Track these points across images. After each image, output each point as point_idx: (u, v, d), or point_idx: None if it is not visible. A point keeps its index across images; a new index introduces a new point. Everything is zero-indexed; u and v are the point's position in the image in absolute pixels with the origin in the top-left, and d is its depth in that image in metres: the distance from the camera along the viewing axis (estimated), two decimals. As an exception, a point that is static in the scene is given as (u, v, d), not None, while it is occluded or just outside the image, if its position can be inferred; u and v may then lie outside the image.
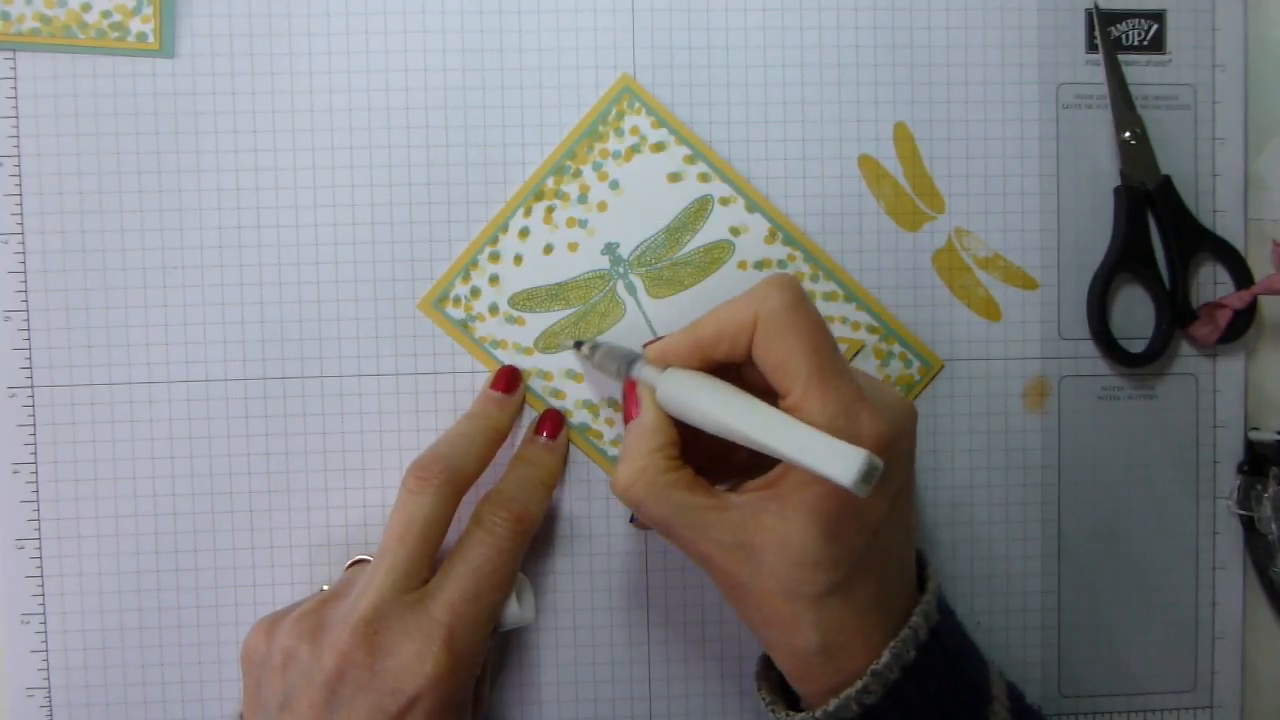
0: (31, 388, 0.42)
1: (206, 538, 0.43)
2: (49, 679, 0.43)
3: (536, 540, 0.43)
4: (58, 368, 0.42)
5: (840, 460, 0.28)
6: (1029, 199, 0.45)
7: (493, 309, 0.43)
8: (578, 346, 0.43)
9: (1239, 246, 0.45)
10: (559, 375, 0.44)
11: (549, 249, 0.43)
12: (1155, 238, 0.45)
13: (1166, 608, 0.46)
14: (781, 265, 0.44)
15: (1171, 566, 0.46)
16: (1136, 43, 0.45)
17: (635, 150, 0.43)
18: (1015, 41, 0.44)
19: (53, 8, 0.42)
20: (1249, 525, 0.45)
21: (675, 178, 0.43)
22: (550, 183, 0.43)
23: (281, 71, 0.43)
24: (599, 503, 0.44)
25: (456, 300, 0.43)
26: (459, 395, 0.43)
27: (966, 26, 0.44)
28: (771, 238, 0.44)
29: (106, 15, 0.42)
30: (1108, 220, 0.45)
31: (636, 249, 0.43)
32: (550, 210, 0.43)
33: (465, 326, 0.43)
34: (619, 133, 0.43)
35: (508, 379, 0.43)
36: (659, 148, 0.43)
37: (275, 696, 0.36)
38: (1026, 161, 0.45)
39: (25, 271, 0.42)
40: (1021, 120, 0.44)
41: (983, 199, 0.45)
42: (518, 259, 0.43)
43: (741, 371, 0.36)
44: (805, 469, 0.29)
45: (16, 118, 0.42)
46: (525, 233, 0.43)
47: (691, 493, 0.34)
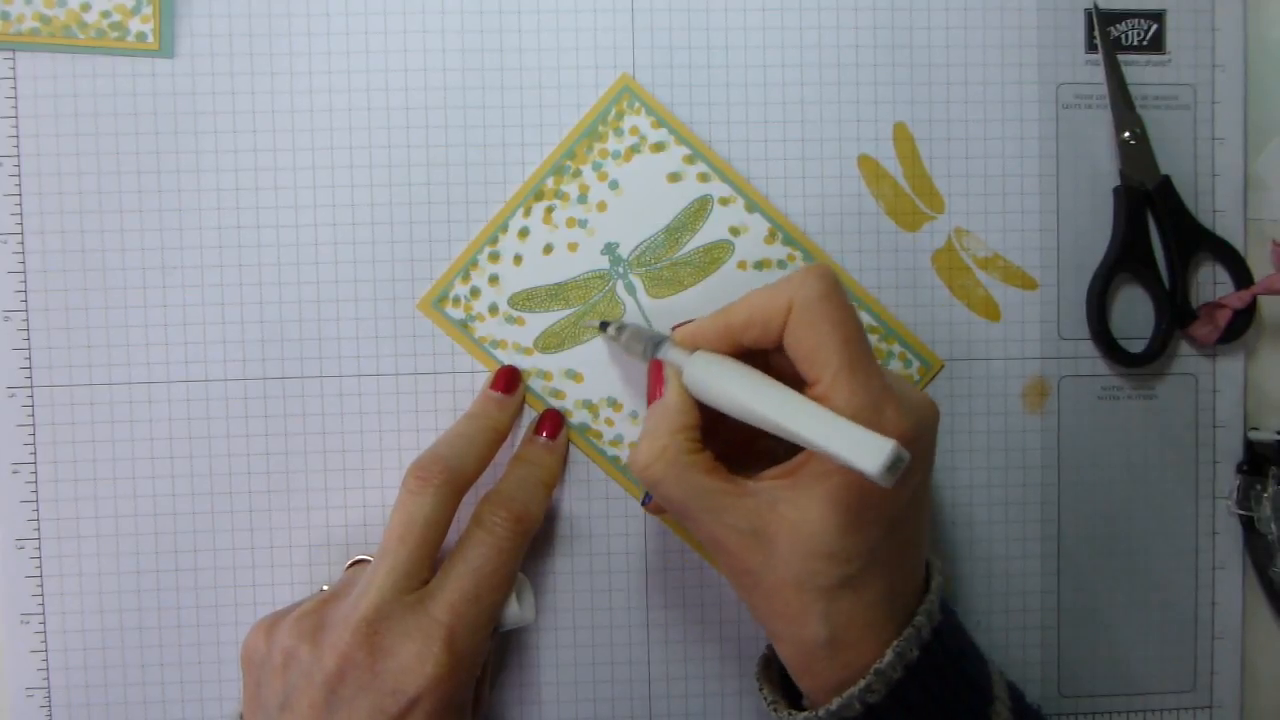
0: (31, 388, 0.42)
1: (206, 538, 0.43)
2: (49, 679, 0.43)
3: (536, 540, 0.43)
4: (58, 368, 0.42)
5: (867, 449, 0.28)
6: (1029, 199, 0.45)
7: (492, 309, 0.43)
8: (603, 327, 0.42)
9: (1239, 246, 0.45)
10: (559, 375, 0.44)
11: (549, 249, 0.43)
12: (1155, 238, 0.45)
13: (1166, 608, 0.46)
14: (781, 265, 0.44)
15: (1171, 566, 0.46)
16: (1136, 43, 0.45)
17: (635, 150, 0.43)
18: (1015, 41, 0.44)
19: (53, 8, 0.42)
20: (1249, 525, 0.45)
21: (675, 178, 0.43)
22: (550, 183, 0.43)
23: (281, 71, 0.43)
24: (599, 503, 0.44)
25: (456, 300, 0.43)
26: (459, 395, 0.43)
27: (966, 26, 0.44)
28: (771, 238, 0.44)
29: (106, 15, 0.42)
30: (1107, 220, 0.45)
31: (636, 249, 0.43)
32: (550, 210, 0.43)
33: (465, 326, 0.43)
34: (619, 133, 0.43)
35: (507, 379, 0.43)
36: (659, 148, 0.43)
37: (275, 696, 0.36)
38: (1026, 161, 0.45)
39: (25, 271, 0.42)
40: (1021, 120, 0.44)
41: (983, 199, 0.45)
42: (517, 259, 0.43)
43: (769, 359, 0.36)
44: (831, 457, 0.29)
45: (16, 118, 0.42)
46: (525, 233, 0.43)
47: (710, 476, 0.34)
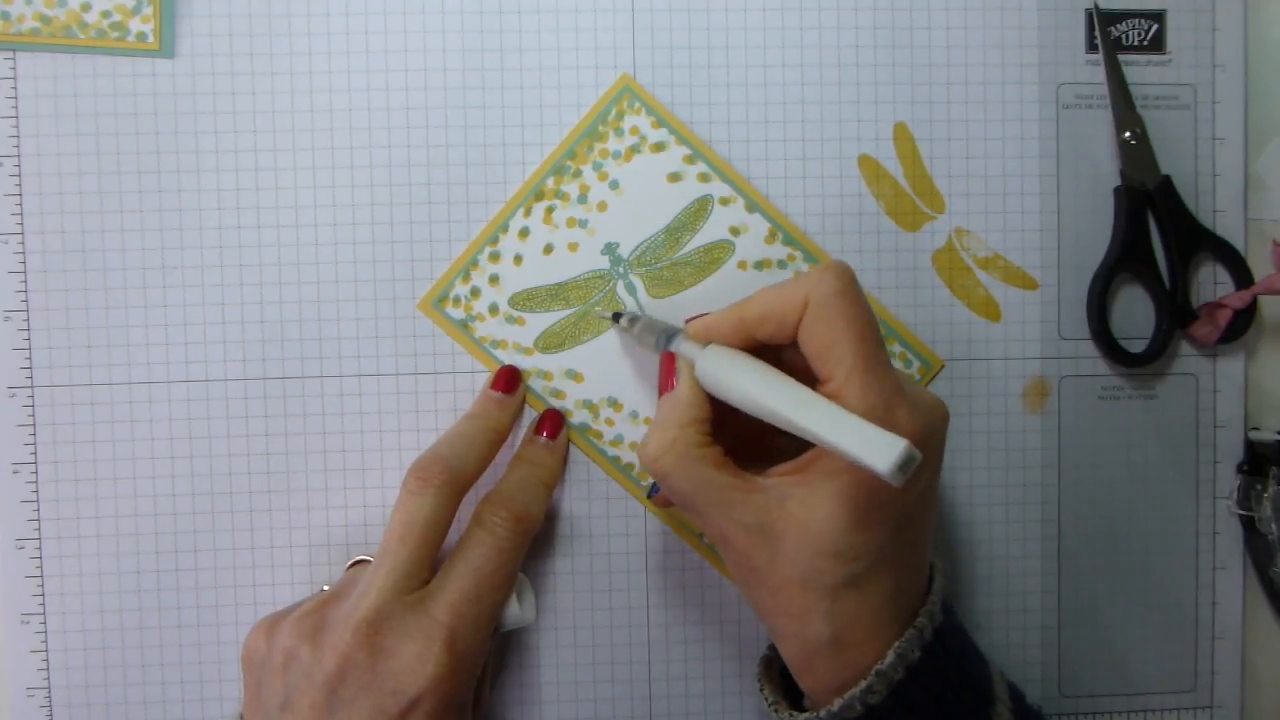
0: (31, 388, 0.42)
1: (206, 538, 0.43)
2: (49, 679, 0.43)
3: (536, 540, 0.43)
4: (58, 368, 0.42)
5: (879, 448, 0.28)
6: (1029, 199, 0.45)
7: (493, 309, 0.43)
8: (616, 319, 0.42)
9: (1239, 246, 0.45)
10: (559, 375, 0.43)
11: (549, 249, 0.43)
12: (1155, 238, 0.45)
13: (1166, 608, 0.46)
14: (781, 265, 0.44)
15: (1171, 566, 0.46)
16: (1136, 43, 0.45)
17: (635, 150, 0.43)
18: (1015, 41, 0.44)
19: (53, 8, 0.42)
20: (1249, 525, 0.45)
21: (675, 178, 0.43)
22: (550, 183, 0.43)
23: (281, 71, 0.42)
24: (599, 503, 0.44)
25: (456, 300, 0.43)
26: (459, 395, 0.43)
27: (966, 26, 0.44)
28: (771, 238, 0.44)
29: (106, 15, 0.42)
30: (1108, 220, 0.45)
31: (636, 249, 0.43)
32: (550, 210, 0.43)
33: (465, 326, 0.43)
34: (619, 133, 0.43)
35: (508, 379, 0.43)
36: (659, 148, 0.43)
37: (276, 697, 0.36)
38: (1026, 161, 0.45)
39: (25, 271, 0.42)
40: (1021, 120, 0.44)
41: (983, 199, 0.45)
42: (518, 259, 0.43)
43: (781, 355, 0.36)
44: (842, 454, 0.29)
45: (16, 118, 0.42)
46: (525, 233, 0.43)
47: (719, 470, 0.34)
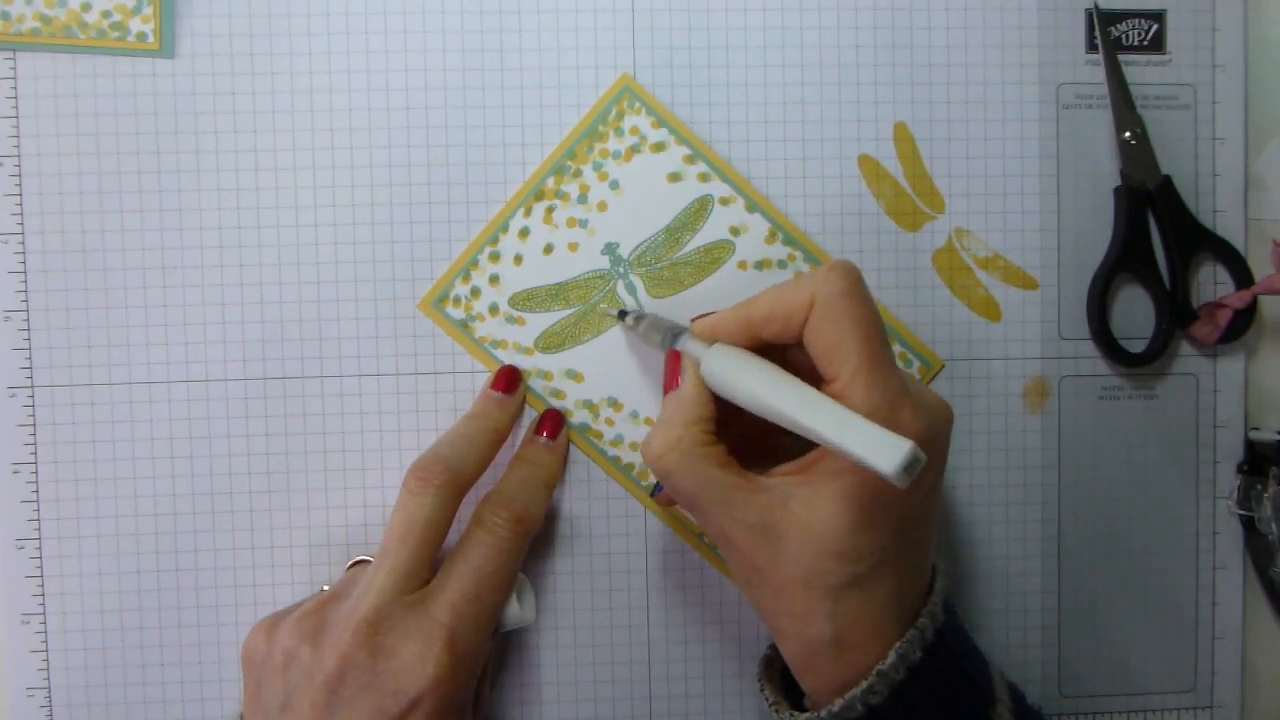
0: (31, 388, 0.42)
1: (206, 538, 0.43)
2: (49, 679, 0.43)
3: (536, 540, 0.43)
4: (58, 368, 0.42)
5: (884, 449, 0.28)
6: (1029, 199, 0.45)
7: (493, 309, 0.43)
8: (622, 316, 0.42)
9: (1239, 246, 0.45)
10: (559, 375, 0.43)
11: (549, 249, 0.43)
12: (1155, 238, 0.45)
13: (1166, 608, 0.46)
14: (781, 265, 0.44)
15: (1171, 566, 0.46)
16: (1136, 43, 0.45)
17: (635, 150, 0.43)
18: (1015, 41, 0.44)
19: (53, 8, 0.42)
20: (1249, 525, 0.45)
21: (675, 178, 0.43)
22: (550, 183, 0.43)
23: (281, 71, 0.42)
24: (599, 503, 0.44)
25: (456, 300, 0.43)
26: (459, 395, 0.43)
27: (966, 26, 0.44)
28: (771, 238, 0.44)
29: (106, 15, 0.42)
30: (1108, 220, 0.45)
31: (636, 249, 0.43)
32: (550, 210, 0.43)
33: (465, 326, 0.43)
34: (619, 133, 0.43)
35: (508, 379, 0.43)
36: (659, 148, 0.43)
37: (276, 697, 0.36)
38: (1026, 161, 0.45)
39: (25, 271, 0.42)
40: (1021, 120, 0.44)
41: (983, 199, 0.45)
42: (518, 259, 0.43)
43: (786, 355, 0.36)
44: (846, 454, 0.29)
45: (16, 118, 0.42)
46: (525, 233, 0.43)
47: (722, 470, 0.34)
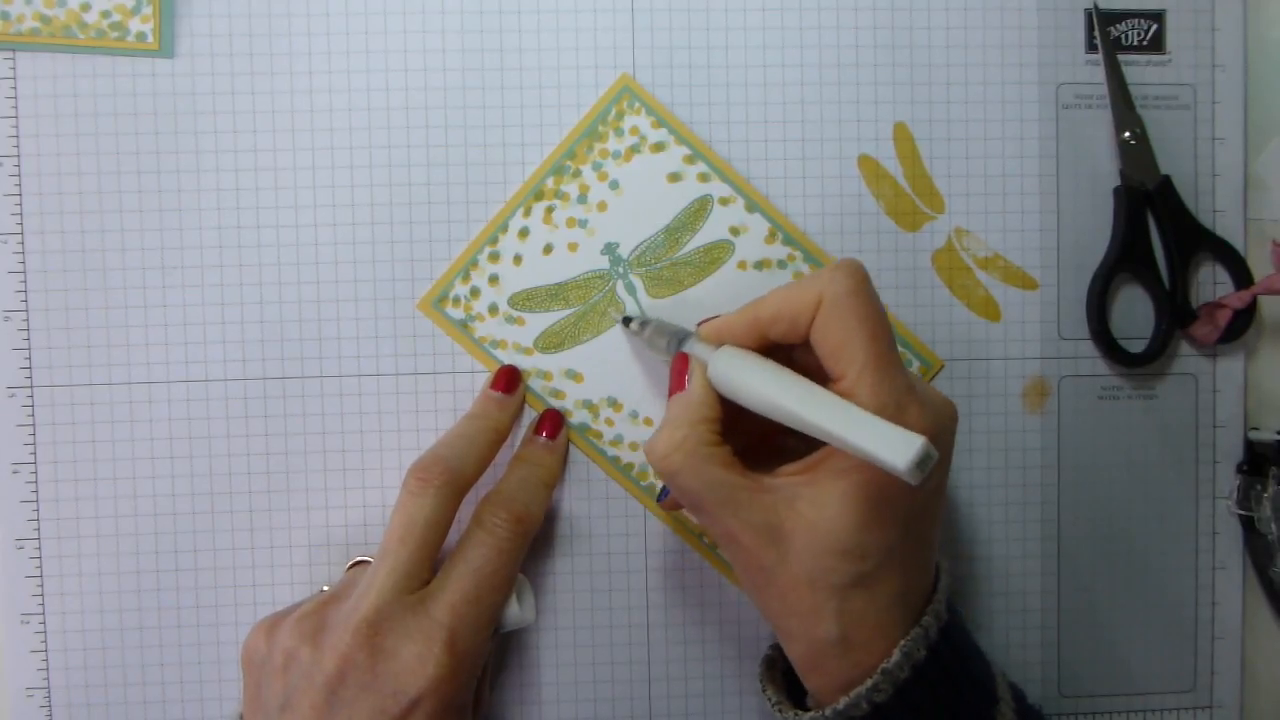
0: (31, 388, 0.42)
1: (206, 538, 0.43)
2: (49, 679, 0.43)
3: (536, 540, 0.43)
4: (58, 368, 0.42)
5: (897, 446, 0.28)
6: (1029, 199, 0.45)
7: (492, 309, 0.43)
8: (626, 322, 0.42)
9: (1239, 246, 0.45)
10: (559, 375, 0.43)
11: (549, 249, 0.43)
12: (1155, 238, 0.45)
13: (1166, 608, 0.46)
14: (781, 265, 0.44)
15: (1171, 566, 0.46)
16: (1136, 43, 0.45)
17: (635, 150, 0.43)
18: (1015, 41, 0.44)
19: (52, 8, 0.42)
20: (1249, 525, 0.45)
21: (675, 178, 0.43)
22: (550, 183, 0.43)
23: (281, 71, 0.42)
24: (599, 503, 0.44)
25: (456, 300, 0.43)
26: (459, 395, 0.43)
27: (966, 26, 0.44)
28: (771, 238, 0.44)
29: (106, 15, 0.42)
30: (1108, 220, 0.45)
31: (636, 249, 0.43)
32: (550, 210, 0.43)
33: (465, 326, 0.43)
34: (619, 133, 0.43)
35: (507, 379, 0.43)
36: (659, 148, 0.43)
37: (276, 697, 0.36)
38: (1026, 161, 0.45)
39: (25, 271, 0.42)
40: (1021, 120, 0.44)
41: (983, 199, 0.45)
42: (517, 259, 0.43)
43: (792, 356, 0.36)
44: (859, 453, 0.29)
45: (16, 118, 0.42)
46: (525, 233, 0.43)
47: (727, 470, 0.34)
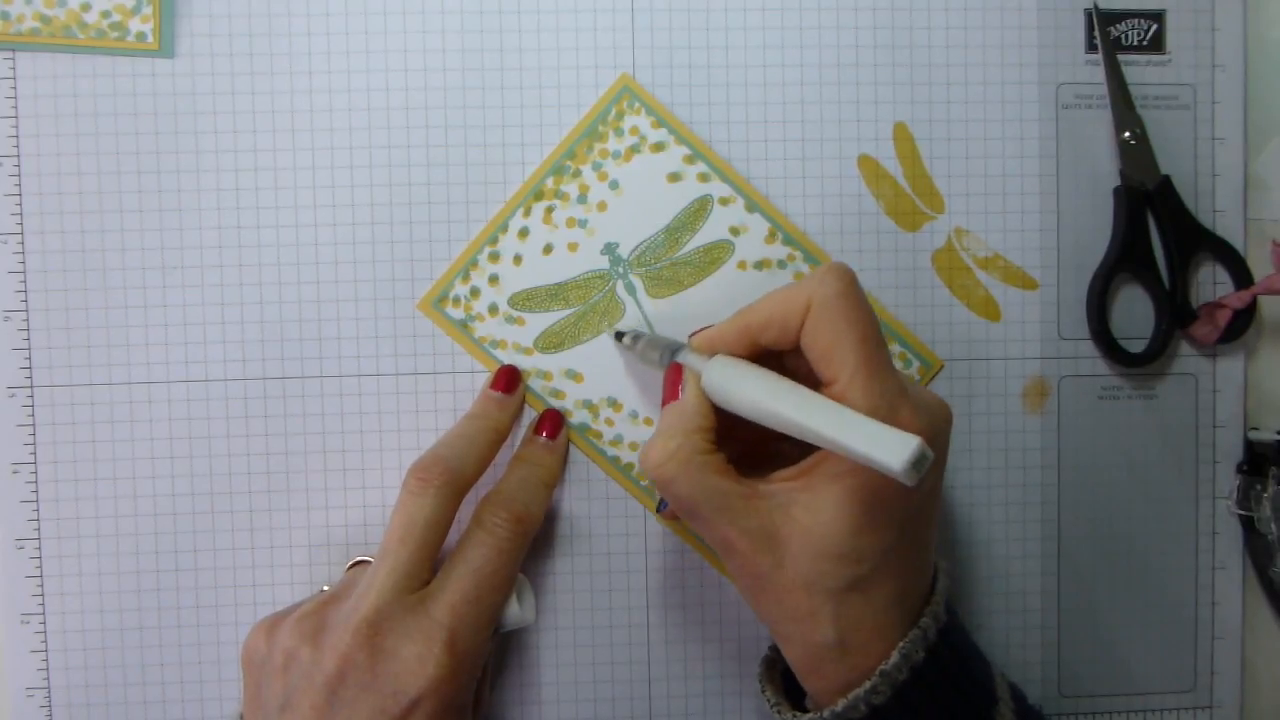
0: (31, 388, 0.42)
1: (206, 538, 0.43)
2: (49, 679, 0.43)
3: (536, 540, 0.43)
4: (58, 368, 0.42)
5: (891, 447, 0.28)
6: (1029, 199, 0.45)
7: (492, 309, 0.43)
8: (619, 337, 0.42)
9: (1239, 246, 0.45)
10: (559, 375, 0.43)
11: (549, 249, 0.43)
12: (1155, 238, 0.45)
13: (1166, 608, 0.46)
14: (781, 265, 0.44)
15: (1171, 566, 0.46)
16: (1136, 43, 0.45)
17: (635, 150, 0.43)
18: (1015, 41, 0.44)
19: (52, 8, 0.42)
20: (1249, 525, 0.45)
21: (675, 178, 0.43)
22: (550, 183, 0.43)
23: (281, 71, 0.42)
24: (599, 503, 0.44)
25: (456, 300, 0.43)
26: (459, 395, 0.43)
27: (966, 26, 0.44)
28: (771, 238, 0.44)
29: (106, 15, 0.42)
30: (1108, 220, 0.45)
31: (636, 249, 0.43)
32: (550, 210, 0.43)
33: (465, 326, 0.43)
34: (619, 133, 0.43)
35: (507, 379, 0.43)
36: (659, 148, 0.43)
37: (276, 697, 0.36)
38: (1026, 161, 0.45)
39: (25, 271, 0.42)
40: (1021, 120, 0.44)
41: (983, 199, 0.44)
42: (517, 259, 0.43)
43: (784, 364, 0.36)
44: (854, 456, 0.29)
45: (16, 118, 0.42)
46: (525, 233, 0.43)
47: (722, 478, 0.34)
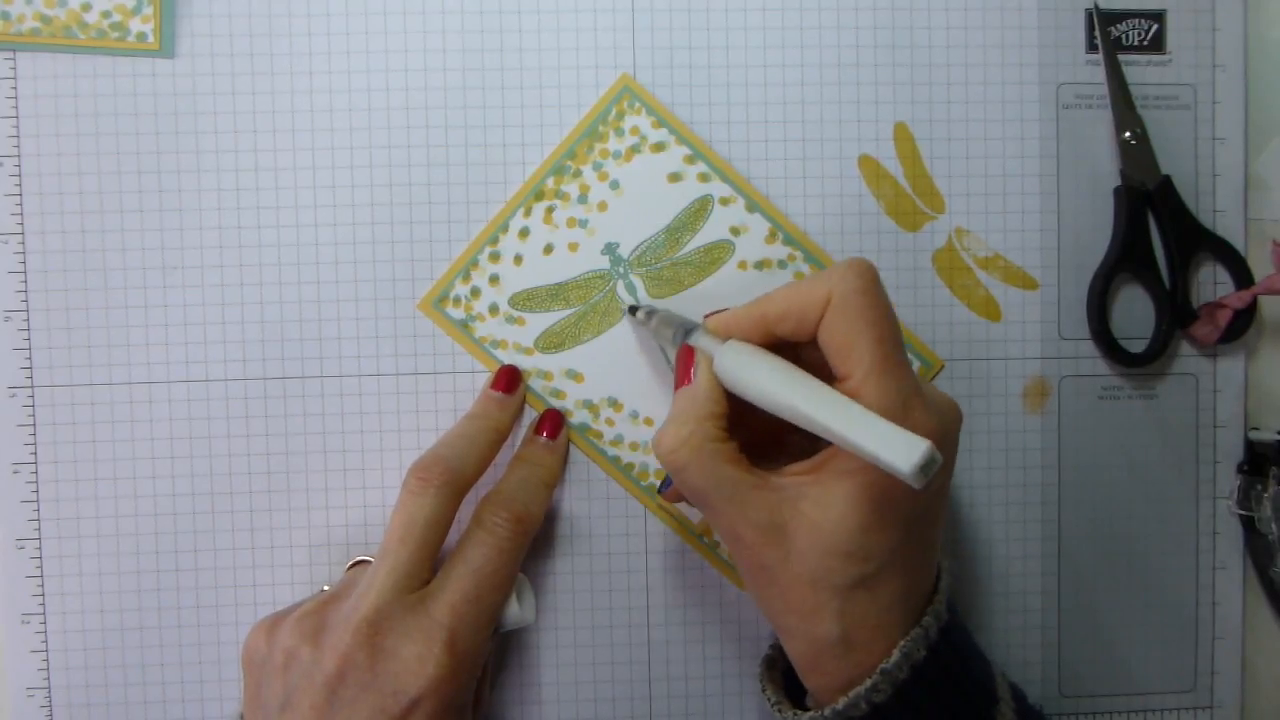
0: (31, 388, 0.42)
1: (206, 538, 0.43)
2: (49, 679, 0.43)
3: (536, 540, 0.43)
4: (58, 368, 0.42)
5: (901, 448, 0.28)
6: (1029, 199, 0.45)
7: (493, 309, 0.43)
8: (633, 311, 0.42)
9: (1239, 246, 0.45)
10: (559, 375, 0.43)
11: (549, 249, 0.43)
12: (1155, 238, 0.45)
13: (1166, 608, 0.46)
14: (782, 265, 0.44)
15: (1171, 566, 0.46)
16: (1136, 43, 0.45)
17: (635, 150, 0.43)
18: (1015, 41, 0.44)
19: (53, 8, 0.42)
20: (1249, 525, 0.45)
21: (675, 178, 0.43)
22: (550, 183, 0.43)
23: (281, 71, 0.42)
24: (599, 503, 0.44)
25: (456, 300, 0.43)
26: (459, 395, 0.43)
27: (966, 26, 0.44)
28: (771, 238, 0.44)
29: (106, 15, 0.42)
30: (1108, 220, 0.45)
31: (636, 249, 0.43)
32: (550, 210, 0.43)
33: (465, 326, 0.43)
34: (619, 133, 0.43)
35: (508, 379, 0.43)
36: (659, 148, 0.43)
37: (276, 697, 0.36)
38: (1026, 161, 0.45)
39: (25, 271, 0.42)
40: (1021, 120, 0.44)
41: (983, 199, 0.45)
42: (518, 259, 0.43)
43: (799, 354, 0.36)
44: (862, 454, 0.29)
45: (16, 118, 0.42)
46: (525, 233, 0.43)
47: (734, 467, 0.34)
